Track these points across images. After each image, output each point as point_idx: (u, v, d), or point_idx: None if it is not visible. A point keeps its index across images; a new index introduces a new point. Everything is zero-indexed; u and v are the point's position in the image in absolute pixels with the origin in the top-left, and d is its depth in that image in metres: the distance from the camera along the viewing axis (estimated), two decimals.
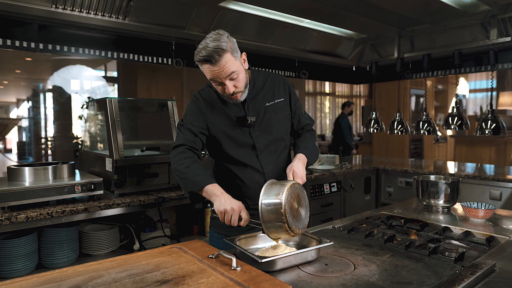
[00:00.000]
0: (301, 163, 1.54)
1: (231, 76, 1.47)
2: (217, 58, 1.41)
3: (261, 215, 1.25)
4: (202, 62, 1.45)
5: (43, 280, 0.99)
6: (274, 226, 1.24)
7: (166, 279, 0.99)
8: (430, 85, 7.66)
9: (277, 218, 1.23)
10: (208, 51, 1.41)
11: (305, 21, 3.58)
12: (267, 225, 1.25)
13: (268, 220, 1.25)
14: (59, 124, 5.38)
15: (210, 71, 1.46)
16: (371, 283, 1.09)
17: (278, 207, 1.22)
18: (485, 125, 3.35)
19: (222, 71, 1.44)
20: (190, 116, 1.62)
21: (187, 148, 1.55)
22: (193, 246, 1.26)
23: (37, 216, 1.83)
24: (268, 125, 1.66)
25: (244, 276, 1.00)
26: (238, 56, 1.50)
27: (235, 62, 1.47)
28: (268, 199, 1.25)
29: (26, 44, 2.73)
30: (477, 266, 1.19)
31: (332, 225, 1.72)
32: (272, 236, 1.29)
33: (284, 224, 1.22)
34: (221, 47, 1.42)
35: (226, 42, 1.44)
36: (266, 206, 1.25)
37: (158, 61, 3.41)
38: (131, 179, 2.25)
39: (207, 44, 1.42)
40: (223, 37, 1.45)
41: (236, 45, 1.51)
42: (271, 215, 1.23)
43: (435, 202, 2.01)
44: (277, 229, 1.25)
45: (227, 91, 1.49)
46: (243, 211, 1.37)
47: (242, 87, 1.53)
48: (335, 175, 3.42)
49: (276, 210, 1.23)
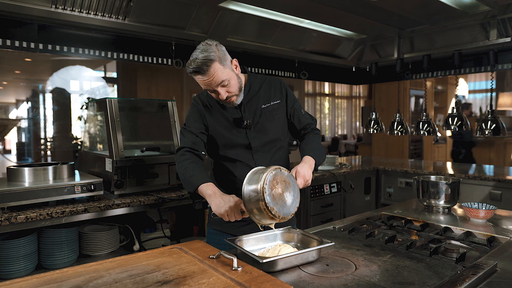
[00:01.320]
0: (307, 165, 1.54)
1: (222, 84, 1.54)
2: (205, 69, 1.49)
3: (243, 196, 1.28)
4: (193, 74, 1.54)
5: (43, 280, 0.99)
6: (255, 206, 1.26)
7: (167, 280, 0.99)
8: (429, 86, 7.66)
9: (255, 196, 1.24)
10: (197, 63, 1.49)
11: (305, 21, 3.58)
12: (248, 206, 1.28)
13: (248, 201, 1.27)
14: (59, 125, 5.37)
15: (201, 81, 1.54)
16: (373, 284, 1.09)
17: (257, 185, 1.24)
18: (485, 125, 3.35)
19: (212, 80, 1.52)
20: (191, 119, 1.71)
21: (187, 150, 1.64)
22: (193, 246, 1.26)
23: (37, 217, 1.82)
24: (263, 127, 1.71)
25: (245, 277, 0.99)
26: (227, 63, 1.56)
27: (224, 70, 1.54)
28: (251, 180, 1.29)
29: (26, 44, 2.73)
30: (479, 266, 1.19)
31: (332, 226, 1.72)
32: (255, 220, 1.31)
33: (261, 202, 1.22)
34: (209, 57, 1.49)
35: (214, 52, 1.51)
36: (247, 185, 1.28)
37: (158, 61, 3.41)
38: (131, 180, 2.25)
39: (196, 56, 1.50)
40: (211, 47, 1.52)
41: (224, 53, 1.57)
42: (251, 193, 1.26)
43: (435, 202, 2.00)
44: (258, 211, 1.26)
45: (221, 97, 1.57)
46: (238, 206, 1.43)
47: (236, 91, 1.60)
48: (335, 175, 3.41)
49: (255, 189, 1.24)
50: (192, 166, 1.57)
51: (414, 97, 7.55)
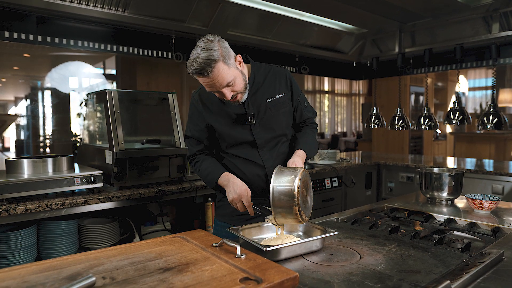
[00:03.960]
0: (300, 159, 1.54)
1: (227, 85, 1.44)
2: (209, 71, 1.37)
3: (272, 197, 1.23)
4: (195, 75, 1.42)
5: (43, 267, 0.97)
6: (284, 209, 1.23)
7: (169, 267, 0.97)
8: (430, 82, 7.65)
9: (288, 200, 1.21)
10: (199, 63, 1.36)
11: (306, 15, 3.56)
12: (277, 209, 1.24)
13: (278, 203, 1.23)
14: (57, 122, 5.35)
15: (205, 82, 1.43)
16: (378, 272, 1.07)
17: (290, 188, 1.21)
18: (486, 119, 3.34)
19: (216, 81, 1.41)
20: (191, 126, 1.70)
21: (195, 154, 1.71)
22: (196, 235, 1.24)
23: (36, 208, 1.80)
24: (269, 122, 1.64)
25: (249, 264, 0.97)
26: (231, 62, 1.44)
27: (229, 71, 1.42)
28: (280, 181, 1.24)
29: (25, 36, 2.70)
30: (485, 255, 1.17)
31: (335, 217, 1.70)
32: (279, 221, 1.27)
33: (295, 207, 1.20)
34: (212, 57, 1.36)
35: (218, 50, 1.38)
36: (278, 187, 1.23)
37: (158, 55, 3.38)
38: (131, 172, 2.23)
39: (198, 55, 1.37)
40: (213, 44, 1.39)
41: (228, 50, 1.44)
42: (283, 197, 1.22)
43: (438, 194, 1.99)
44: (286, 213, 1.23)
45: (225, 98, 1.47)
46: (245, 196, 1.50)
47: (241, 89, 1.50)
48: (337, 170, 3.40)
49: (288, 192, 1.21)
50: (204, 165, 1.65)
51: (414, 94, 7.54)
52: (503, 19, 3.30)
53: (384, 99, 6.99)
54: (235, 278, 0.89)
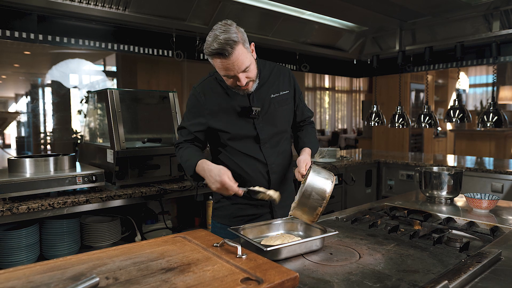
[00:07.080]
0: (309, 158, 1.59)
1: (244, 69, 1.44)
2: (230, 51, 1.37)
3: (304, 190, 1.31)
4: (214, 56, 1.40)
5: (47, 268, 0.98)
6: (310, 205, 1.31)
7: (171, 267, 0.98)
8: (430, 80, 7.64)
9: (318, 200, 1.30)
10: (219, 43, 1.35)
11: (306, 13, 3.56)
12: (304, 200, 1.31)
13: (307, 198, 1.31)
14: (58, 119, 5.36)
15: (223, 65, 1.42)
16: (377, 271, 1.09)
17: (325, 190, 1.31)
18: (486, 117, 3.34)
19: (236, 64, 1.40)
20: (189, 116, 1.66)
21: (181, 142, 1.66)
22: (197, 235, 1.25)
23: (39, 207, 1.82)
24: (272, 117, 1.65)
25: (250, 264, 0.99)
26: (249, 47, 1.47)
27: (247, 55, 1.44)
28: (317, 180, 1.33)
29: (26, 35, 2.70)
30: (483, 254, 1.18)
31: (335, 216, 1.72)
32: (295, 213, 1.36)
33: (320, 207, 1.30)
34: (232, 38, 1.36)
35: (236, 33, 1.39)
36: (315, 185, 1.32)
37: (158, 53, 3.38)
38: (133, 171, 2.24)
39: (217, 36, 1.36)
40: (232, 27, 1.40)
41: (245, 35, 1.47)
42: (315, 195, 1.30)
43: (438, 193, 2.00)
44: (309, 209, 1.31)
45: (240, 83, 1.47)
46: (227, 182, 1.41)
47: (254, 76, 1.53)
48: (337, 168, 3.41)
49: (322, 193, 1.31)
50: (186, 152, 1.60)
51: (414, 91, 7.54)
52: (504, 17, 3.30)
53: (384, 96, 7.00)
54: (236, 279, 0.90)
